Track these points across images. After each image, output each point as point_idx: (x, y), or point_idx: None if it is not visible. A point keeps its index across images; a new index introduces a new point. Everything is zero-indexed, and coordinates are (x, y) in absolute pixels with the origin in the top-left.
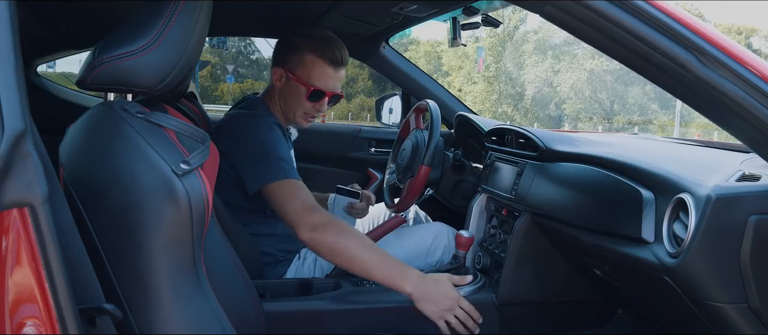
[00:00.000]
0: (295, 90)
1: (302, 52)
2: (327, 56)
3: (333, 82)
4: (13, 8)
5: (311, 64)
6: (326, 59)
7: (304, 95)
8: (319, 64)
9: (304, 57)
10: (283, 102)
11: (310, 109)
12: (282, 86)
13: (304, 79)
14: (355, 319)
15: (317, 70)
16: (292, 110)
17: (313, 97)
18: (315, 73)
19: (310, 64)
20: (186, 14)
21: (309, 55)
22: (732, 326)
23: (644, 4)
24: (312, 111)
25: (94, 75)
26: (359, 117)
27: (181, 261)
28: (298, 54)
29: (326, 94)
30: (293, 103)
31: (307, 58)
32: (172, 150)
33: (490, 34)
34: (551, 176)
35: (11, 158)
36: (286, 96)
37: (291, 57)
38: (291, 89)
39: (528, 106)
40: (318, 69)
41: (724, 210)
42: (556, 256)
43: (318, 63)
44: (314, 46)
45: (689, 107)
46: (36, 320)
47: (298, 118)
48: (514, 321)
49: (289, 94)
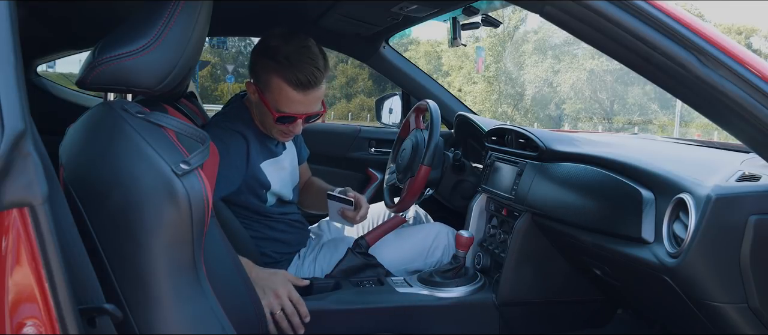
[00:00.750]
0: (265, 111)
1: (268, 74)
2: (292, 81)
3: (302, 106)
4: (13, 8)
5: (277, 89)
6: (291, 84)
7: (272, 119)
8: (285, 90)
9: (271, 81)
10: (258, 116)
11: (285, 128)
12: (256, 102)
13: (271, 104)
14: (355, 319)
15: (284, 95)
16: (267, 127)
17: (281, 121)
18: (281, 98)
19: (276, 88)
20: (186, 14)
21: (275, 79)
22: (732, 326)
23: (644, 4)
24: (287, 130)
25: (94, 75)
26: (359, 117)
27: (181, 261)
28: (264, 74)
29: (297, 117)
30: (266, 121)
31: (272, 81)
32: (172, 150)
33: (490, 34)
34: (551, 176)
35: (11, 158)
36: (260, 112)
37: (260, 75)
38: (262, 108)
39: (528, 106)
40: (284, 94)
41: (724, 210)
42: (556, 256)
43: (284, 88)
44: (277, 68)
45: (689, 107)
46: (36, 320)
47: (275, 134)
48: (514, 321)
49: (262, 112)
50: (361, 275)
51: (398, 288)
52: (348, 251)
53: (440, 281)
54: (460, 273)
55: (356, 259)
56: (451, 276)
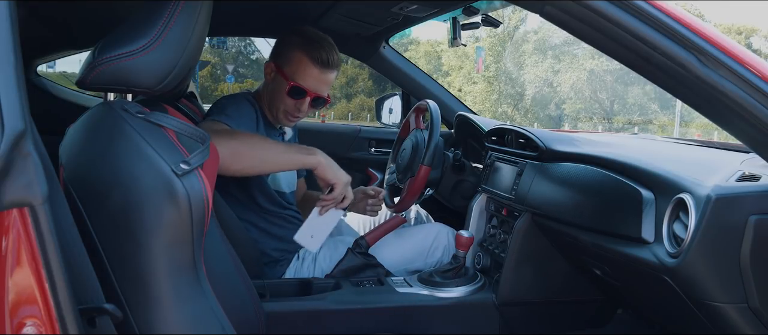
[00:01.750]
0: (279, 85)
1: (291, 48)
2: (314, 57)
3: (316, 83)
4: (13, 8)
5: (298, 61)
6: (313, 59)
7: (285, 90)
8: (305, 63)
9: (292, 54)
10: (268, 97)
11: (291, 107)
12: (270, 81)
13: (287, 75)
14: (355, 319)
15: (302, 68)
16: (275, 106)
17: (292, 93)
18: (299, 70)
19: (296, 61)
20: (186, 14)
21: (297, 53)
22: (732, 326)
23: (644, 4)
24: (293, 109)
25: (94, 75)
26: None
27: (181, 261)
28: (287, 50)
29: (308, 93)
30: (276, 98)
31: (294, 55)
32: (172, 150)
33: (490, 34)
34: (551, 176)
35: (11, 158)
36: (271, 91)
37: (282, 52)
38: (276, 84)
39: (528, 106)
40: (303, 67)
41: (724, 210)
42: (556, 256)
43: (304, 61)
44: (302, 44)
45: (689, 107)
46: (36, 320)
47: (281, 115)
48: (514, 321)
49: (274, 89)
50: (361, 275)
51: (398, 288)
52: (348, 251)
53: (440, 281)
54: (460, 273)
55: (356, 259)
56: (451, 276)
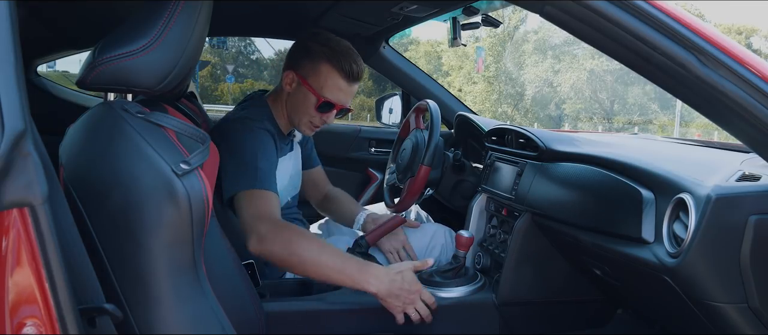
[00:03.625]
0: (304, 97)
1: (318, 60)
2: (343, 69)
3: (344, 96)
4: (13, 8)
5: (326, 74)
6: (342, 72)
7: (313, 105)
8: (334, 76)
9: (319, 66)
10: (290, 107)
11: (317, 119)
12: (291, 91)
13: (315, 89)
14: (355, 319)
15: (331, 81)
16: (298, 117)
17: (322, 108)
18: (328, 84)
19: (324, 74)
20: (186, 14)
21: (324, 65)
22: (732, 326)
23: (644, 4)
24: (318, 122)
25: (94, 75)
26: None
27: (181, 261)
28: (312, 61)
29: (335, 106)
30: (300, 110)
31: (322, 68)
32: (172, 150)
33: (490, 34)
34: (551, 176)
35: (11, 158)
36: (294, 102)
37: (305, 63)
38: (300, 96)
39: (528, 106)
40: (331, 80)
41: (724, 210)
42: (556, 256)
43: (332, 74)
44: (331, 56)
45: (689, 107)
46: (36, 320)
47: (303, 126)
48: (514, 321)
49: (298, 100)
50: None
51: None
52: (348, 251)
53: (440, 281)
54: (460, 273)
55: None
56: (451, 276)
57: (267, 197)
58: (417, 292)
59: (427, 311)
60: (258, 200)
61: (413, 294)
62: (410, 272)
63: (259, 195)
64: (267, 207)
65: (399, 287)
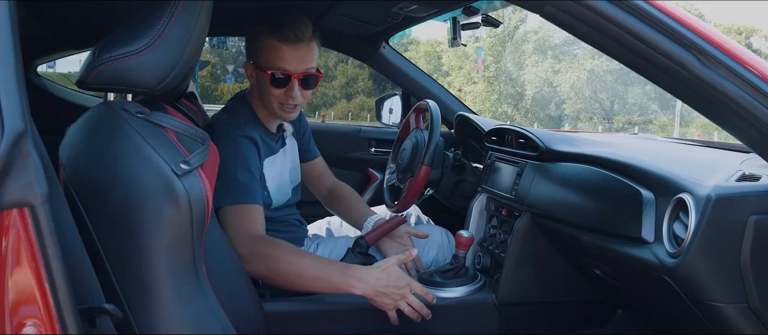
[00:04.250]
0: (262, 80)
1: (259, 39)
2: (280, 36)
3: (294, 62)
4: (13, 8)
5: (268, 47)
6: (280, 39)
7: (268, 83)
8: (275, 46)
9: (261, 43)
10: (259, 98)
11: (282, 96)
12: (254, 82)
13: (262, 66)
14: (355, 319)
15: (274, 52)
16: (267, 103)
17: (275, 82)
18: (272, 56)
19: (267, 48)
20: (186, 14)
21: (264, 40)
22: (732, 326)
23: (644, 4)
24: (284, 99)
25: (94, 75)
26: (359, 117)
27: (181, 261)
28: (257, 42)
29: (292, 76)
30: (265, 95)
31: (264, 44)
32: (172, 150)
33: (490, 34)
34: (551, 176)
35: (11, 158)
36: (259, 89)
37: (252, 47)
38: (260, 81)
39: (528, 106)
40: (274, 51)
41: (724, 210)
42: (556, 256)
43: (274, 45)
44: (269, 29)
45: (689, 107)
46: (36, 320)
47: (277, 110)
48: (514, 321)
49: (260, 86)
50: None
51: None
52: (348, 251)
53: (440, 281)
54: (460, 273)
55: (356, 259)
56: (451, 276)
57: (248, 212)
58: (406, 286)
59: (420, 303)
60: (240, 217)
61: (402, 289)
62: (395, 267)
63: (241, 211)
64: (247, 224)
65: (385, 284)
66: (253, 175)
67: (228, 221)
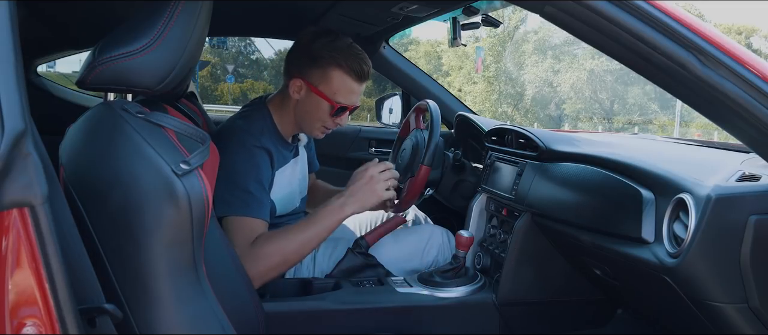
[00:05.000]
0: (317, 104)
1: (327, 67)
2: (354, 71)
3: (356, 96)
4: (13, 8)
5: (338, 79)
6: (353, 74)
7: (328, 111)
8: (345, 80)
9: (329, 72)
10: (299, 114)
11: (330, 123)
12: (301, 98)
13: (328, 95)
14: (355, 319)
15: (344, 86)
16: (310, 124)
17: (337, 113)
18: (341, 89)
19: (335, 79)
20: (186, 14)
21: (335, 71)
22: (732, 326)
23: (644, 4)
24: (331, 125)
25: (94, 75)
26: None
27: (181, 261)
28: (321, 68)
29: (348, 108)
30: (313, 117)
31: (332, 74)
32: (172, 150)
33: (490, 34)
34: (551, 176)
35: (11, 158)
36: (305, 109)
37: (313, 70)
38: (311, 103)
39: (528, 106)
40: (344, 85)
41: (724, 210)
42: (556, 256)
43: (344, 79)
44: (340, 61)
45: (689, 107)
46: (36, 320)
47: (315, 131)
48: (514, 321)
49: (309, 108)
50: (361, 275)
51: (398, 288)
52: (348, 251)
53: (440, 281)
54: (460, 273)
55: (356, 259)
56: (451, 276)
57: (253, 226)
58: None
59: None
60: (244, 229)
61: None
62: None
63: (247, 223)
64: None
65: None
66: (263, 188)
67: (232, 230)
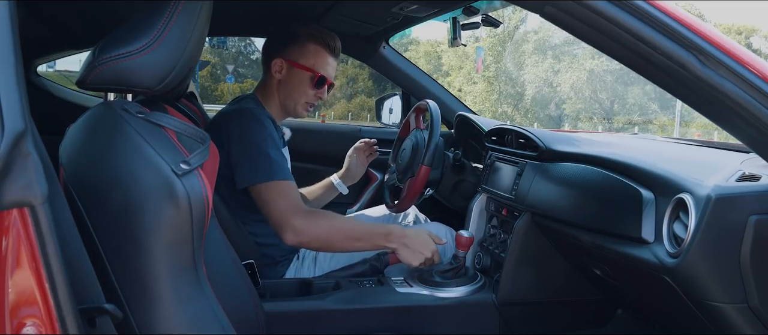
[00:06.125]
0: (299, 78)
1: (305, 41)
2: (328, 45)
3: (332, 70)
4: (13, 8)
5: (315, 52)
6: (328, 48)
7: (310, 82)
8: (321, 53)
9: (307, 46)
10: (283, 93)
11: (312, 96)
12: (283, 77)
13: (309, 67)
14: (355, 319)
15: (321, 58)
16: (294, 100)
17: (318, 83)
18: (319, 61)
19: (313, 52)
20: (186, 14)
21: (312, 45)
22: (732, 326)
23: (644, 4)
24: (313, 99)
25: (94, 75)
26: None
27: (181, 261)
28: (300, 44)
29: (327, 81)
30: (296, 92)
31: (310, 47)
32: (172, 150)
33: (490, 34)
34: (551, 176)
35: (11, 158)
36: (288, 86)
37: (291, 47)
38: (293, 78)
39: (528, 106)
40: (321, 58)
41: (724, 210)
42: (556, 256)
43: (320, 52)
44: (315, 36)
45: (689, 107)
46: (36, 320)
47: (299, 108)
48: (514, 321)
49: (292, 83)
50: (361, 275)
51: (398, 288)
52: (368, 261)
53: (440, 281)
54: (460, 273)
55: (368, 269)
56: (451, 276)
57: (288, 188)
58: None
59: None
60: (282, 192)
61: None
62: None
63: (281, 187)
64: (292, 199)
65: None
66: (282, 153)
67: (271, 198)
